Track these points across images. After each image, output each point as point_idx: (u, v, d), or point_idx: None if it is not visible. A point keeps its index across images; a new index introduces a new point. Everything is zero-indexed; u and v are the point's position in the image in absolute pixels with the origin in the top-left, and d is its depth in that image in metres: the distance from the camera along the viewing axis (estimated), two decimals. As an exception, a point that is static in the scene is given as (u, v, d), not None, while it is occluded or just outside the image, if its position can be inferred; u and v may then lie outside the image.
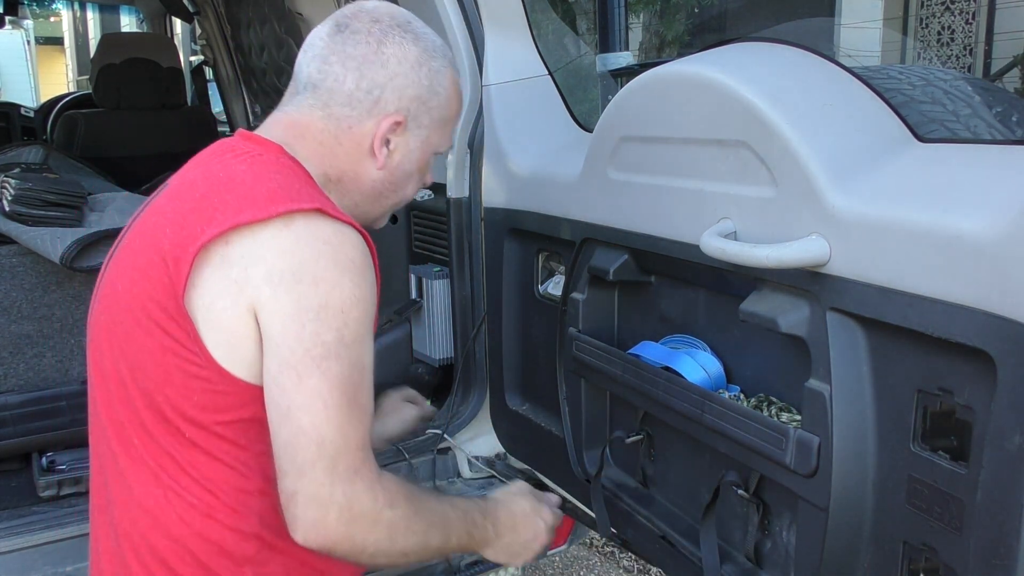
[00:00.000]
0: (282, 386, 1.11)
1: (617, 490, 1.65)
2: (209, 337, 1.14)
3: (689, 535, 1.46)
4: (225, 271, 1.12)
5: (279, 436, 1.11)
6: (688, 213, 1.36)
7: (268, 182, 1.17)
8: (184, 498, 1.19)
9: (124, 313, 1.21)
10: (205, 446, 1.18)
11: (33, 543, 1.85)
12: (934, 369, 1.02)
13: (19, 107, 5.45)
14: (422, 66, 1.29)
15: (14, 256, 2.34)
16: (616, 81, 2.52)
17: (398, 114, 1.28)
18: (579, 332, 1.67)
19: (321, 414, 1.09)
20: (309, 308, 1.11)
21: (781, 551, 1.30)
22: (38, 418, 2.26)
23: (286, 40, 3.87)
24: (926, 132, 1.28)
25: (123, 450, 1.23)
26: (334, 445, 1.10)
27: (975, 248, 0.93)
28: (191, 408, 1.17)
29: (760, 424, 1.22)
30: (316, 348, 1.10)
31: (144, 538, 1.22)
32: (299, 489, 1.10)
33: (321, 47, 1.29)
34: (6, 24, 5.64)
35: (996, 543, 0.92)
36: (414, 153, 1.34)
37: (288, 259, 1.12)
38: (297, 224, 1.13)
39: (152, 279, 1.17)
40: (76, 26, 19.60)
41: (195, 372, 1.15)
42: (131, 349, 1.20)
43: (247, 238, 1.13)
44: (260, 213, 1.12)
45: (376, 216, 1.39)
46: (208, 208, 1.16)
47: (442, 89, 1.32)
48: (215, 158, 1.26)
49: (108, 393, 1.25)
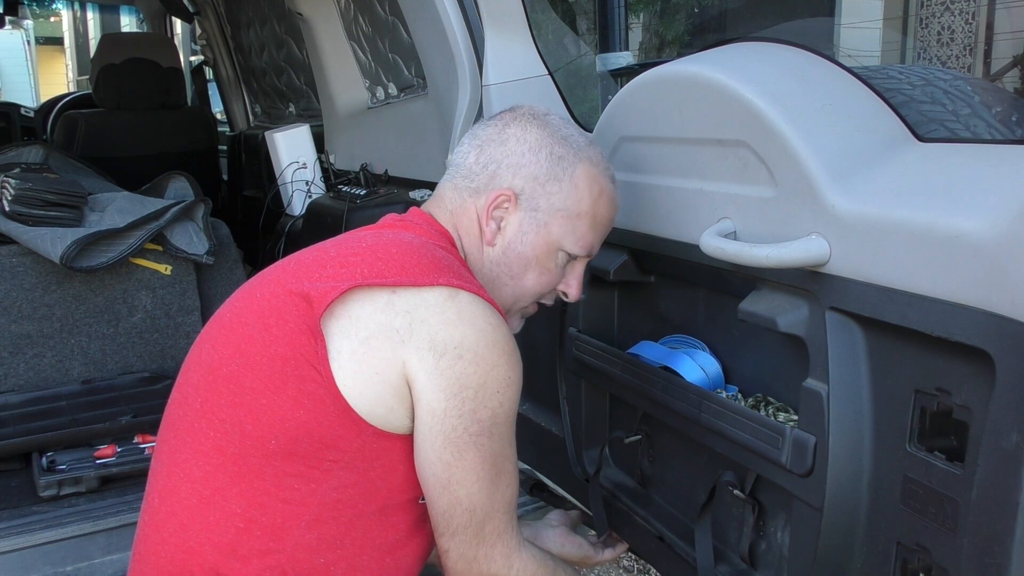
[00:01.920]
0: (445, 461, 1.19)
1: (616, 490, 1.66)
2: (346, 366, 1.16)
3: (685, 535, 1.46)
4: (390, 317, 1.17)
5: (438, 503, 1.22)
6: (688, 213, 1.37)
7: (438, 259, 1.24)
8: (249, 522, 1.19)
9: (254, 324, 1.22)
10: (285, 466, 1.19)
11: (33, 543, 1.85)
12: (932, 369, 1.02)
13: (19, 107, 5.45)
14: (542, 148, 1.33)
15: (14, 256, 2.34)
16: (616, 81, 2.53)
17: (509, 190, 1.33)
18: (579, 332, 1.67)
19: (475, 486, 1.20)
20: (468, 386, 1.17)
21: (775, 552, 1.30)
22: (38, 418, 2.26)
23: (286, 40, 3.88)
24: (926, 132, 1.28)
25: None
26: (483, 511, 1.22)
27: (975, 247, 0.93)
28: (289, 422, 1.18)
29: (757, 423, 1.23)
30: (474, 426, 1.18)
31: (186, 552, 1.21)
32: (451, 548, 1.24)
33: (467, 137, 1.39)
34: (6, 24, 5.65)
35: (990, 543, 0.92)
36: (528, 236, 1.34)
37: (452, 331, 1.17)
38: (462, 299, 1.19)
39: (291, 301, 1.20)
40: (76, 26, 19.62)
41: (310, 389, 1.16)
42: (237, 353, 1.21)
43: (414, 295, 1.18)
44: (427, 279, 1.19)
45: (502, 294, 1.38)
46: (372, 261, 1.21)
47: (567, 178, 1.33)
48: (387, 225, 1.36)
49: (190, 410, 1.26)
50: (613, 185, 1.39)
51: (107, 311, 2.46)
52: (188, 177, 3.02)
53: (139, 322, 2.49)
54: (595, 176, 1.36)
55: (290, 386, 1.16)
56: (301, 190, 3.05)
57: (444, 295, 1.18)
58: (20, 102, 5.89)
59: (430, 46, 2.20)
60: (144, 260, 2.49)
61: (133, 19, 9.64)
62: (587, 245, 1.37)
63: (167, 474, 1.26)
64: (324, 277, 1.20)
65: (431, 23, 2.10)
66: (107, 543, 1.92)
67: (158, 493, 1.26)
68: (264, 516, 1.18)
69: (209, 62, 4.71)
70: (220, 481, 1.19)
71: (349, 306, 1.17)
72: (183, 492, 1.22)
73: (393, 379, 1.17)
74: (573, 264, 1.39)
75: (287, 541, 1.19)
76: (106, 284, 2.45)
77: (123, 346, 2.49)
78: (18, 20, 9.22)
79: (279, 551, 1.18)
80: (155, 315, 2.51)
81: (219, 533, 1.19)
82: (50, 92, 10.07)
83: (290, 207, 3.10)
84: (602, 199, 1.37)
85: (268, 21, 3.97)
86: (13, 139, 4.93)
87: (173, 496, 1.23)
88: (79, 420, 2.26)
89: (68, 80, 19.78)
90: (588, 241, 1.36)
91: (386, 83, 2.87)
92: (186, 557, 1.20)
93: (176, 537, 1.21)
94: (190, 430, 1.23)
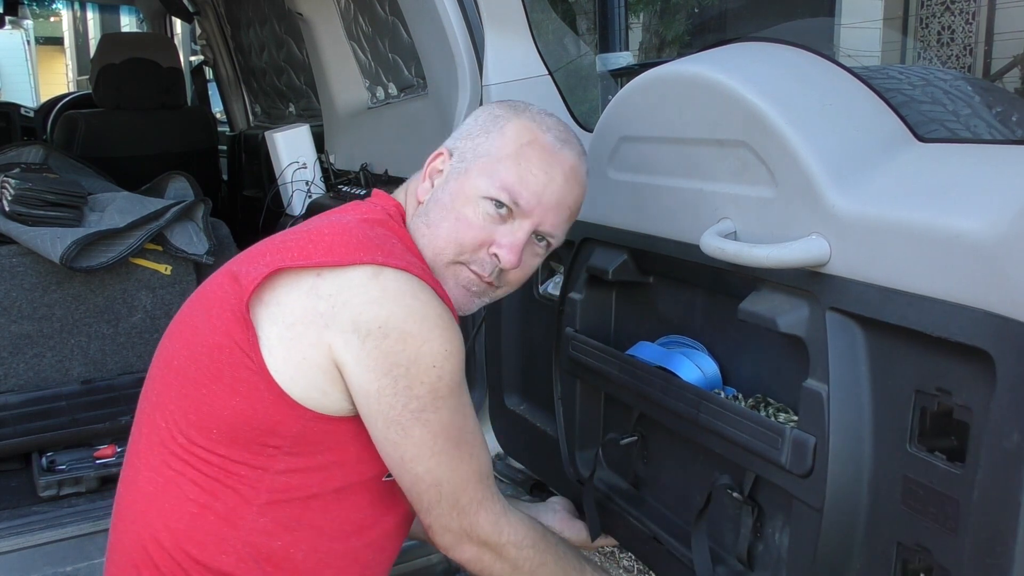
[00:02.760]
0: (392, 441, 1.19)
1: (610, 491, 1.65)
2: (276, 352, 1.17)
3: (681, 538, 1.46)
4: (313, 301, 1.17)
5: (402, 482, 1.23)
6: (688, 213, 1.37)
7: (370, 237, 1.22)
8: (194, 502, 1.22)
9: (198, 311, 1.26)
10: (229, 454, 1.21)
11: (33, 543, 1.85)
12: (933, 369, 1.02)
13: (19, 107, 5.44)
14: (487, 112, 1.36)
15: (14, 256, 2.34)
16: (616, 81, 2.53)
17: (445, 149, 1.36)
18: (576, 332, 1.67)
19: (432, 461, 1.20)
20: (398, 364, 1.16)
21: (773, 554, 1.30)
22: (38, 418, 2.26)
23: (286, 40, 3.88)
24: (926, 132, 1.28)
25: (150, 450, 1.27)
26: (451, 484, 1.22)
27: (975, 247, 0.93)
28: (235, 410, 1.19)
29: (756, 423, 1.22)
30: (413, 402, 1.18)
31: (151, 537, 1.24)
32: (432, 524, 1.25)
33: None
34: (6, 24, 5.64)
35: (992, 542, 0.92)
36: (449, 184, 1.32)
37: (377, 310, 1.16)
38: (386, 276, 1.18)
39: (227, 287, 1.22)
40: (76, 26, 19.61)
41: (245, 376, 1.18)
42: (185, 343, 1.25)
43: (337, 276, 1.17)
44: (351, 258, 1.18)
45: (431, 241, 1.32)
46: (303, 245, 1.21)
47: (496, 129, 1.32)
48: (343, 208, 1.36)
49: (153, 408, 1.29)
50: (559, 144, 1.32)
51: (107, 311, 2.46)
52: (188, 177, 3.02)
53: (139, 322, 2.49)
54: (529, 128, 1.31)
55: (226, 375, 1.18)
56: (301, 190, 3.05)
57: (368, 274, 1.17)
58: (20, 102, 5.89)
59: (430, 46, 2.20)
60: (144, 260, 2.49)
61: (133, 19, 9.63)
62: (505, 187, 1.28)
63: (129, 464, 1.30)
64: (257, 263, 1.21)
65: (431, 23, 2.10)
66: (107, 543, 1.92)
67: (123, 483, 1.31)
68: (216, 502, 1.20)
69: (209, 62, 4.71)
70: (173, 470, 1.22)
71: (276, 292, 1.19)
72: (141, 481, 1.26)
73: (322, 363, 1.17)
74: (511, 226, 1.30)
75: (241, 527, 1.21)
76: (106, 284, 2.44)
77: (123, 346, 2.49)
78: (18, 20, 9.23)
79: (234, 536, 1.21)
80: (155, 315, 2.51)
81: (175, 519, 1.22)
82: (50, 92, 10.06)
83: (290, 207, 3.10)
84: (532, 148, 1.30)
85: (268, 21, 3.96)
86: (13, 139, 4.92)
87: (134, 485, 1.27)
88: (79, 420, 2.26)
89: (68, 80, 19.77)
90: (507, 183, 1.28)
91: (386, 83, 2.87)
92: (146, 543, 1.24)
93: (137, 524, 1.25)
94: (148, 423, 1.27)
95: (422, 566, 2.00)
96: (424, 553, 1.97)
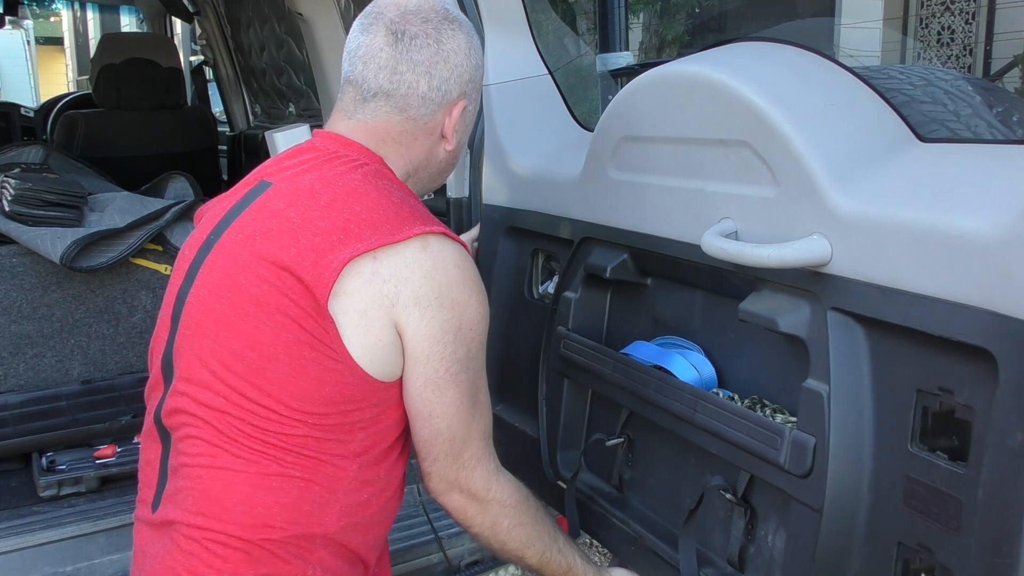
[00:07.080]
0: (426, 399, 1.29)
1: (593, 493, 1.64)
2: (353, 339, 1.23)
3: (668, 540, 1.45)
4: (378, 286, 1.24)
5: (420, 434, 1.32)
6: (689, 213, 1.36)
7: (399, 202, 1.30)
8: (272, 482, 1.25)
9: (250, 306, 1.25)
10: (319, 435, 1.26)
11: (33, 543, 1.85)
12: (934, 368, 1.02)
13: (19, 107, 5.43)
14: (472, 50, 1.41)
15: (14, 256, 2.34)
16: (616, 81, 2.53)
17: (462, 99, 1.41)
18: (568, 330, 1.66)
19: (455, 418, 1.31)
20: (448, 331, 1.27)
21: (765, 556, 1.29)
22: (38, 418, 2.26)
23: (286, 40, 3.88)
24: (927, 132, 1.28)
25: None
26: (462, 439, 1.33)
27: (977, 247, 0.93)
28: (317, 400, 1.24)
29: (755, 424, 1.22)
30: (454, 366, 1.29)
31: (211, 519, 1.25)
32: (432, 472, 1.35)
33: (386, 58, 1.36)
34: (6, 24, 5.64)
35: (997, 542, 0.92)
36: (469, 126, 1.48)
37: (431, 283, 1.26)
38: (433, 247, 1.27)
39: (283, 282, 1.23)
40: (76, 26, 19.61)
41: (331, 366, 1.23)
42: (251, 341, 1.25)
43: (392, 255, 1.24)
44: (400, 233, 1.25)
45: (438, 185, 1.52)
46: (343, 223, 1.25)
47: (481, 62, 1.45)
48: (326, 165, 1.33)
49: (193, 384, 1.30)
50: None
51: (107, 311, 2.45)
52: (188, 177, 3.02)
53: (139, 322, 2.49)
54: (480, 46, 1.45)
55: (311, 369, 1.24)
56: (301, 190, 3.04)
57: (418, 247, 1.26)
58: (20, 102, 5.88)
59: (430, 46, 2.19)
60: (144, 260, 2.49)
61: (133, 19, 9.63)
62: None
63: (196, 464, 1.30)
64: (304, 249, 1.23)
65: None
66: (107, 543, 1.92)
67: (188, 478, 1.30)
68: (317, 476, 1.27)
69: (209, 62, 4.70)
70: (269, 458, 1.26)
71: (341, 281, 1.23)
72: (231, 473, 1.28)
73: (392, 339, 1.26)
74: None
75: (339, 490, 1.30)
76: (106, 284, 2.44)
77: (123, 346, 2.49)
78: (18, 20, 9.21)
79: (334, 500, 1.29)
80: (155, 315, 2.49)
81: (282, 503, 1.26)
82: (50, 92, 10.07)
83: (290, 207, 3.09)
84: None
85: (268, 21, 3.96)
86: (13, 139, 4.92)
87: (218, 481, 1.28)
88: (79, 420, 2.27)
89: (68, 80, 19.77)
90: None
91: (386, 83, 2.86)
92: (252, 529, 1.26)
93: (235, 513, 1.27)
94: (214, 419, 1.27)
95: (422, 566, 2.00)
96: (424, 553, 1.97)
